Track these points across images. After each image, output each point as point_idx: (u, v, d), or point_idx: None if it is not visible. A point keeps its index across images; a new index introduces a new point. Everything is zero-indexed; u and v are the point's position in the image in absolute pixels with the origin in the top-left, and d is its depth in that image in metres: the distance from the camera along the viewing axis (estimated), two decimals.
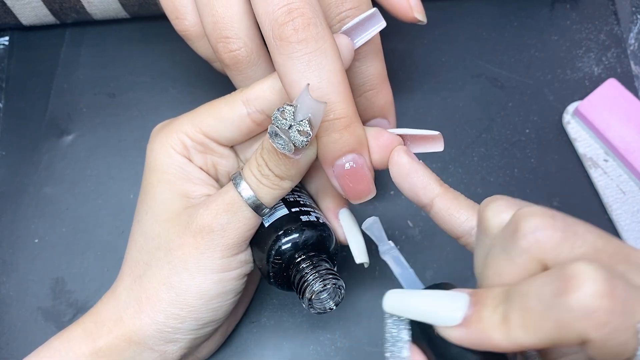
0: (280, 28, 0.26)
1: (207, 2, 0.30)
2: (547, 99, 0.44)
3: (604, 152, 0.42)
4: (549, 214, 0.21)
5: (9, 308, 0.39)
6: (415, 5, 0.33)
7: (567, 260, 0.20)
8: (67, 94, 0.44)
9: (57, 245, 0.41)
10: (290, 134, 0.25)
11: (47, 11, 0.43)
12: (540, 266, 0.21)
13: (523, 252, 0.21)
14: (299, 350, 0.38)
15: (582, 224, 0.22)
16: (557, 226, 0.21)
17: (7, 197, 0.42)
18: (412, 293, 0.24)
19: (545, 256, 0.21)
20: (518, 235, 0.21)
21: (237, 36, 0.30)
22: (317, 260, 0.30)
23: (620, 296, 0.19)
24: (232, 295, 0.31)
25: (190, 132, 0.31)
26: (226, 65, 0.31)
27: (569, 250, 0.21)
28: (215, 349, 0.36)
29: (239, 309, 0.37)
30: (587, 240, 0.21)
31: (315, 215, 0.32)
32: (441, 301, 0.23)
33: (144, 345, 0.30)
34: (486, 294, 0.22)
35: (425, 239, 0.40)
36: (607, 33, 0.45)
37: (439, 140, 0.29)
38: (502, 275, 0.22)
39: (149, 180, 0.32)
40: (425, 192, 0.28)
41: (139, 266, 0.31)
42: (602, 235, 0.21)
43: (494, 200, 0.24)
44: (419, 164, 0.28)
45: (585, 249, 0.21)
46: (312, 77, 0.26)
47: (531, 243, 0.21)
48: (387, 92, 0.33)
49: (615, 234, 0.40)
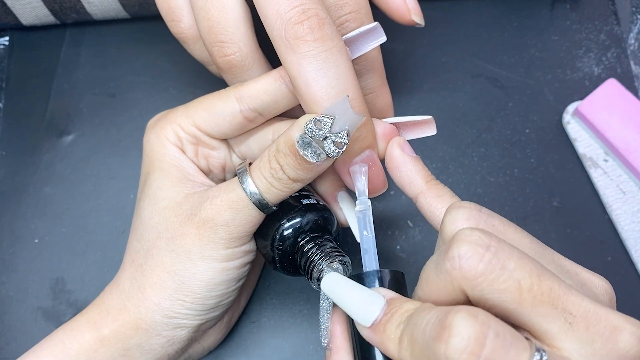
0: (294, 27, 0.26)
1: (202, 6, 0.30)
2: (547, 99, 0.44)
3: (604, 152, 0.42)
4: (483, 243, 0.21)
5: (9, 308, 0.39)
6: (413, 7, 0.33)
7: (483, 296, 0.21)
8: (67, 94, 0.44)
9: (57, 245, 0.41)
10: (325, 145, 0.26)
11: (47, 11, 0.43)
12: (461, 292, 0.22)
13: (447, 273, 0.22)
14: (299, 350, 0.38)
15: (517, 256, 0.21)
16: (485, 258, 0.21)
17: (7, 197, 0.42)
18: (343, 282, 0.26)
19: (463, 286, 0.21)
20: (447, 256, 0.22)
21: (231, 41, 0.30)
22: (321, 241, 0.30)
23: (485, 355, 0.19)
24: (236, 282, 0.31)
25: (184, 124, 0.32)
26: (221, 69, 0.31)
27: (487, 286, 0.21)
28: (221, 339, 0.36)
29: (241, 300, 0.38)
30: (514, 276, 0.21)
31: (315, 198, 0.32)
32: (361, 299, 0.24)
33: (153, 331, 0.30)
34: (398, 306, 0.24)
35: (425, 239, 0.40)
36: (607, 33, 0.45)
37: (431, 124, 0.30)
38: (428, 284, 0.23)
39: (146, 170, 0.33)
40: (410, 187, 0.28)
41: (139, 255, 0.31)
42: (539, 273, 0.21)
43: (455, 208, 0.24)
44: (410, 157, 0.29)
45: (508, 285, 0.21)
46: (330, 75, 0.26)
47: (454, 268, 0.21)
48: (387, 95, 0.34)
49: (615, 234, 0.40)
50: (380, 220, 0.41)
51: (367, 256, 0.28)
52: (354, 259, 0.39)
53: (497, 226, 0.24)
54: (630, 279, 0.39)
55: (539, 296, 0.21)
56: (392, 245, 0.40)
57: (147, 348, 0.31)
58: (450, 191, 0.28)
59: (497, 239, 0.21)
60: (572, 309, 0.21)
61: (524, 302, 0.21)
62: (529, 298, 0.21)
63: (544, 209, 0.41)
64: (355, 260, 0.39)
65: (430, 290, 0.23)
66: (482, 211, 0.24)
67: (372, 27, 0.30)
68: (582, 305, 0.21)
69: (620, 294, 0.39)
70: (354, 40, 0.30)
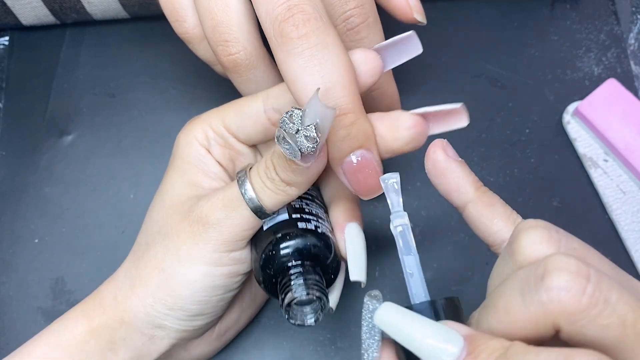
0: (280, 25, 0.26)
1: (206, 6, 0.30)
2: (547, 99, 0.44)
3: (604, 152, 0.42)
4: (584, 273, 0.19)
5: (9, 308, 0.39)
6: (415, 5, 0.33)
7: (582, 331, 0.19)
8: (67, 94, 0.44)
9: (57, 245, 0.41)
10: (297, 139, 0.24)
11: (47, 11, 0.43)
12: (553, 326, 0.20)
13: (540, 305, 0.19)
14: (299, 350, 0.38)
15: (617, 287, 0.19)
16: (588, 290, 0.19)
17: (7, 197, 0.42)
18: (408, 316, 0.22)
19: (561, 321, 0.19)
20: (542, 285, 0.19)
21: (236, 40, 0.30)
22: (307, 269, 0.29)
23: None
24: (222, 291, 0.30)
25: (214, 123, 0.32)
26: (226, 68, 0.31)
27: (589, 322, 0.19)
28: (211, 353, 0.36)
29: (242, 317, 0.36)
30: (618, 311, 0.19)
31: (315, 224, 0.31)
32: (434, 338, 0.21)
33: (134, 326, 0.30)
34: (483, 346, 0.20)
35: (425, 239, 0.40)
36: (607, 33, 0.45)
37: (462, 113, 0.28)
38: (510, 314, 0.21)
39: (168, 167, 0.33)
40: (458, 195, 0.26)
41: (140, 248, 0.31)
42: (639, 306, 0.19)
43: (533, 227, 0.22)
44: (455, 162, 0.26)
45: (611, 321, 0.19)
46: (314, 72, 0.25)
47: (552, 300, 0.19)
48: (393, 90, 0.33)
49: (615, 234, 0.40)
50: (380, 220, 0.41)
51: (412, 281, 0.24)
52: None
53: (579, 250, 0.22)
54: None
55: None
56: (392, 245, 0.40)
57: (130, 344, 0.30)
58: (500, 200, 0.26)
59: (594, 267, 0.20)
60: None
61: (628, 339, 0.19)
62: (632, 335, 0.19)
63: (544, 209, 0.41)
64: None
65: (513, 322, 0.20)
66: (559, 232, 0.22)
67: (407, 36, 0.29)
68: None
69: None
70: (386, 48, 0.29)
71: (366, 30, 0.31)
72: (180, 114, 0.34)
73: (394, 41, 0.29)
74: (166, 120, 0.43)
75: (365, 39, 0.31)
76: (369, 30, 0.31)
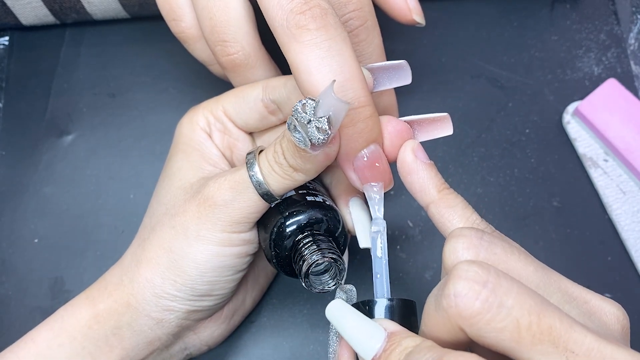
0: (296, 17, 0.26)
1: (205, 6, 0.30)
2: (547, 99, 0.44)
3: (604, 152, 0.42)
4: (480, 279, 0.21)
5: (8, 308, 0.39)
6: (414, 7, 0.33)
7: (481, 334, 0.20)
8: (67, 94, 0.44)
9: (57, 245, 0.40)
10: (308, 129, 0.24)
11: (47, 11, 0.43)
12: (460, 329, 0.21)
13: (443, 311, 0.21)
14: (299, 350, 0.38)
15: (516, 291, 0.20)
16: (482, 295, 0.20)
17: (7, 197, 0.42)
18: (347, 312, 0.25)
19: (460, 324, 0.21)
20: (443, 292, 0.21)
21: (234, 40, 0.30)
22: (319, 238, 0.29)
23: None
24: (231, 272, 0.31)
25: (214, 108, 0.32)
26: (225, 68, 0.31)
27: (484, 325, 0.20)
28: (220, 336, 0.35)
29: (247, 299, 0.36)
30: (512, 314, 0.20)
31: (322, 198, 0.31)
32: (362, 331, 0.24)
33: (142, 310, 0.30)
34: (397, 343, 0.23)
35: (425, 239, 0.40)
36: (607, 33, 0.45)
37: (446, 122, 0.29)
38: (428, 320, 0.23)
39: (171, 152, 0.33)
40: (422, 195, 0.27)
41: (146, 230, 0.32)
42: (539, 310, 0.20)
43: (456, 236, 0.24)
44: (423, 164, 0.27)
45: (505, 324, 0.20)
46: (333, 64, 0.25)
47: (450, 306, 0.21)
48: (391, 93, 0.33)
49: (615, 234, 0.40)
50: None
51: (378, 280, 0.27)
52: (360, 275, 0.39)
53: (499, 255, 0.23)
54: (630, 279, 0.39)
55: (539, 335, 0.20)
56: (392, 245, 0.40)
57: (136, 329, 0.30)
58: (463, 201, 0.27)
59: (496, 273, 0.21)
60: (574, 347, 0.20)
61: (523, 340, 0.20)
62: (527, 337, 0.20)
63: (544, 209, 0.41)
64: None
65: (431, 326, 0.22)
66: (483, 239, 0.24)
67: (399, 64, 0.29)
68: (584, 342, 0.20)
69: (620, 294, 0.39)
70: (380, 71, 0.29)
71: (365, 33, 0.31)
72: (180, 114, 0.34)
73: (387, 65, 0.29)
74: (166, 120, 0.43)
75: (364, 41, 0.31)
76: (368, 33, 0.31)
